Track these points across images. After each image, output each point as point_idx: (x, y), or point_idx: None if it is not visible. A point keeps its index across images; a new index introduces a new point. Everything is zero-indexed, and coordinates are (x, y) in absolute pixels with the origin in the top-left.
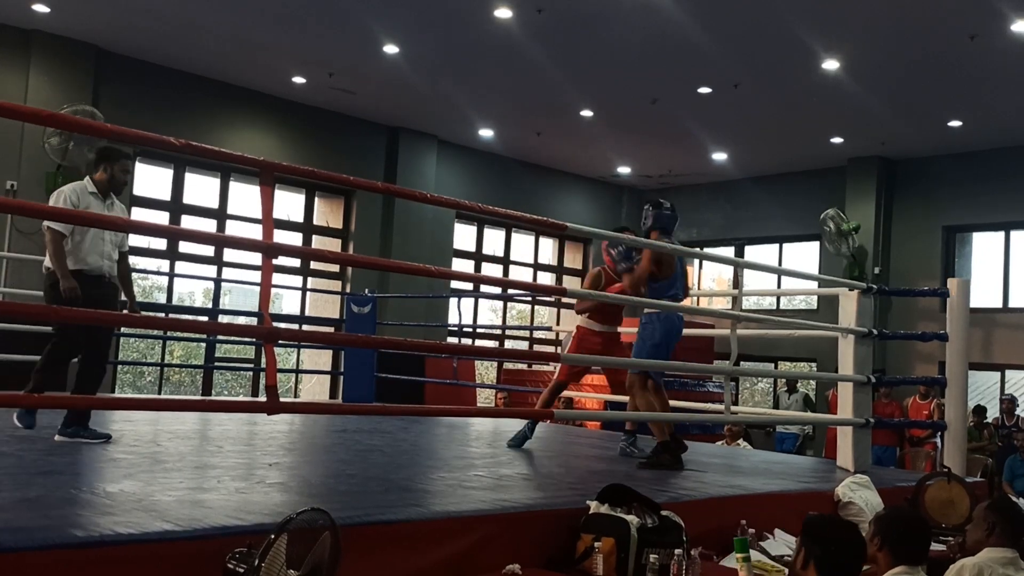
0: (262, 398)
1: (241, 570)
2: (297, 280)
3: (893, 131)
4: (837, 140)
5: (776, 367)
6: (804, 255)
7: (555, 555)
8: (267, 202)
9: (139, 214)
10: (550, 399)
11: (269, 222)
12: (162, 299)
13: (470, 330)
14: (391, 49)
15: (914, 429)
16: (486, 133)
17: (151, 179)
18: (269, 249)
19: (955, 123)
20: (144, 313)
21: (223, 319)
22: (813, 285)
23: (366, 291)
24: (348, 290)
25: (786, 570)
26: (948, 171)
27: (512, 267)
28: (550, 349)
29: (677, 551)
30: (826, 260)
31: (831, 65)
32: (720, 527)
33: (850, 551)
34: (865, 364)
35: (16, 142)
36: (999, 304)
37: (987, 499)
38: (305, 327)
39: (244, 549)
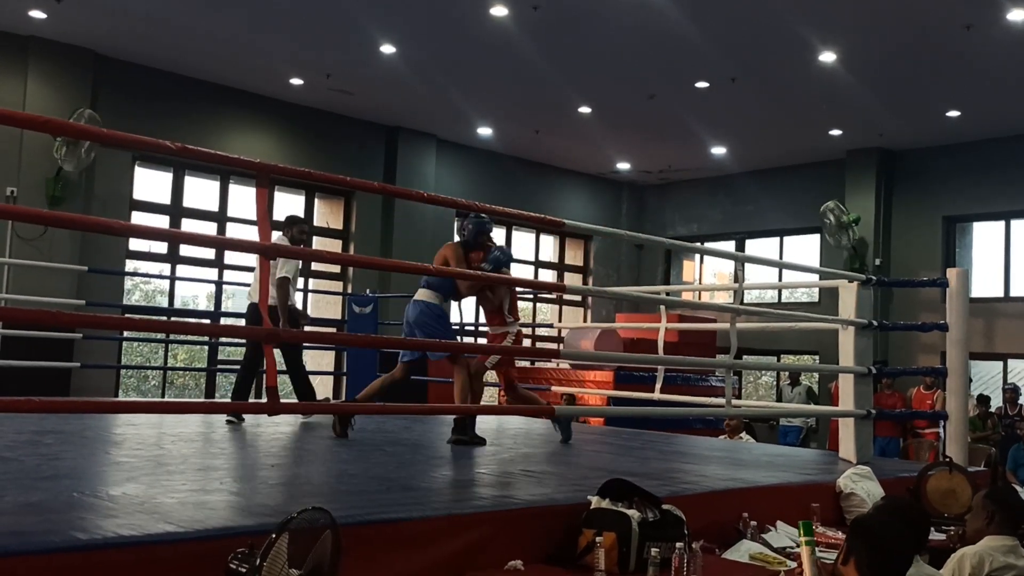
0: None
1: (243, 570)
2: (298, 282)
3: (891, 123)
4: (835, 132)
5: (779, 360)
6: (805, 248)
7: (557, 551)
8: (263, 204)
9: (139, 218)
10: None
11: (266, 224)
12: (165, 303)
13: (472, 329)
14: (388, 49)
15: (916, 420)
16: (485, 131)
17: (151, 183)
18: (266, 250)
19: (953, 113)
20: (146, 317)
21: (225, 322)
22: (814, 278)
23: (367, 291)
24: (349, 291)
25: (788, 561)
26: (947, 161)
27: (512, 265)
28: (552, 347)
29: (679, 545)
30: (827, 253)
31: (827, 57)
32: (722, 520)
33: (896, 555)
34: (865, 355)
35: (15, 149)
36: (1000, 293)
37: (986, 488)
38: (307, 328)
39: (246, 549)
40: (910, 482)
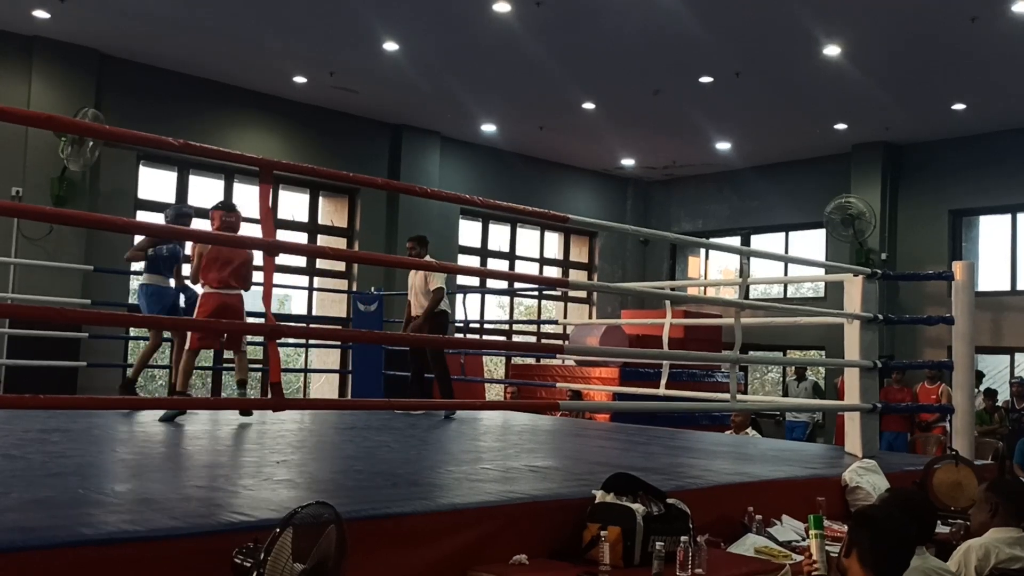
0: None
1: (248, 565)
2: (304, 280)
3: (897, 116)
4: (841, 126)
5: (785, 356)
6: (811, 243)
7: (562, 545)
8: (266, 200)
9: (143, 217)
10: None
11: (269, 220)
12: None
13: (477, 326)
14: (391, 47)
15: (923, 414)
16: (489, 128)
17: (156, 182)
18: (270, 247)
19: (959, 106)
20: (151, 315)
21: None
22: (819, 272)
23: (372, 289)
24: (355, 289)
25: (793, 555)
26: (953, 155)
27: (518, 262)
28: (557, 343)
29: (683, 538)
30: (833, 247)
31: (832, 51)
32: (727, 514)
33: (898, 545)
34: (871, 349)
35: (20, 148)
36: (1007, 287)
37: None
38: (312, 326)
39: (251, 544)
40: (916, 475)
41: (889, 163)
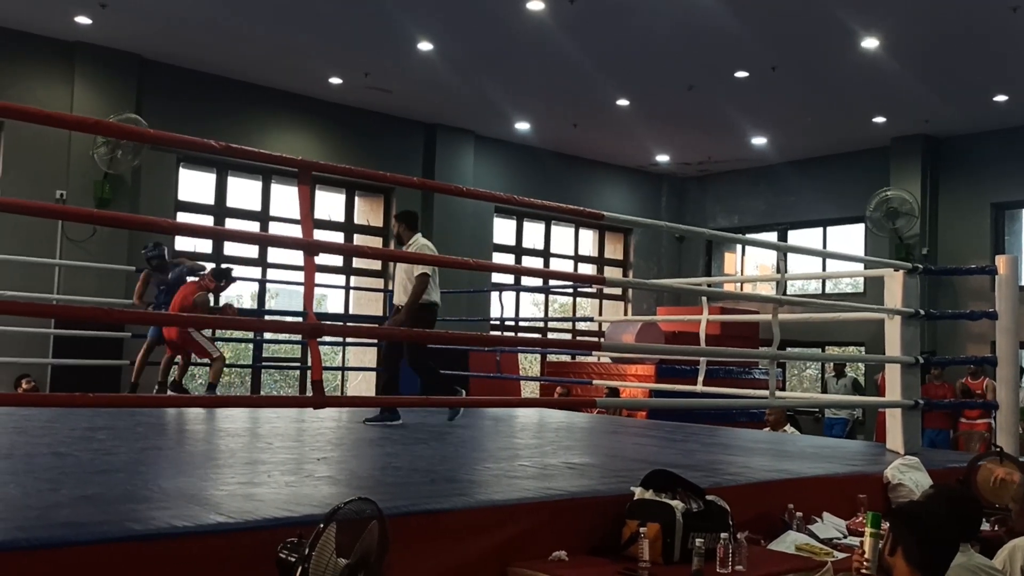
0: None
1: (293, 559)
2: (340, 279)
3: (936, 109)
4: (879, 120)
5: (824, 352)
6: (849, 238)
7: (601, 541)
8: (305, 201)
9: (183, 218)
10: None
11: (308, 220)
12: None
13: (512, 324)
14: (425, 46)
15: (965, 410)
16: (522, 126)
17: (195, 184)
18: (309, 247)
19: (1000, 98)
20: (190, 315)
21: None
22: (859, 267)
23: None
24: (390, 287)
25: (835, 552)
26: (995, 147)
27: (552, 259)
28: (593, 340)
29: (723, 535)
30: (872, 242)
31: (870, 43)
32: (767, 511)
33: (943, 543)
34: (913, 345)
35: (64, 152)
36: None
37: None
38: (350, 324)
39: (295, 539)
40: (960, 472)
41: (929, 156)
